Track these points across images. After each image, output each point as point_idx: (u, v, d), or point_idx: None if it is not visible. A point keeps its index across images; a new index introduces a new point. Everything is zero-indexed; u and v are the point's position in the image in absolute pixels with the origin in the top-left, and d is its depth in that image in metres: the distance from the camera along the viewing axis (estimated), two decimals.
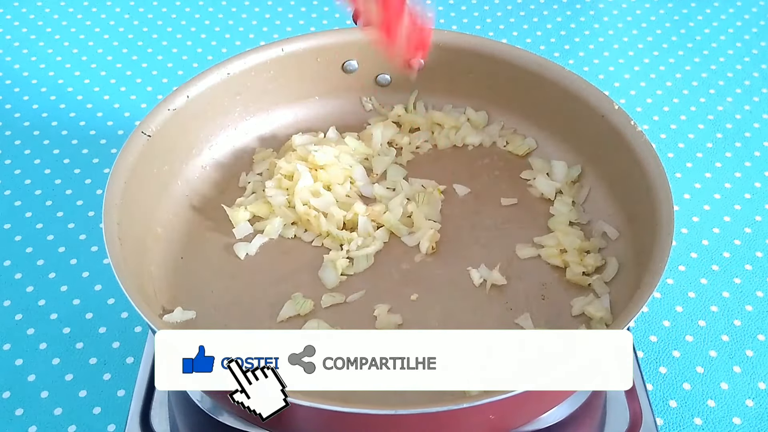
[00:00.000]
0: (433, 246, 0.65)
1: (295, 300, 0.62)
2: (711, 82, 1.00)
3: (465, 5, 1.12)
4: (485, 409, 0.47)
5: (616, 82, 1.00)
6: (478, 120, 0.75)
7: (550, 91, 0.69)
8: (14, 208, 0.84)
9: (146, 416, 0.61)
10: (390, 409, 0.45)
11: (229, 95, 0.71)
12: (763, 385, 0.69)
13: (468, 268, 0.64)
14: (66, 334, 0.72)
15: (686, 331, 0.73)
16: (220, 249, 0.66)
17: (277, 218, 0.67)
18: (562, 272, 0.64)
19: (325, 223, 0.66)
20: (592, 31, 1.08)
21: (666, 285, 0.77)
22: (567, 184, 0.70)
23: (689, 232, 0.81)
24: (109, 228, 0.56)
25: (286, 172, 0.69)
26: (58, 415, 0.67)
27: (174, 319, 0.59)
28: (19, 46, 1.05)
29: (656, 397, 0.68)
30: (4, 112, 0.95)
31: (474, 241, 0.67)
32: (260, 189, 0.70)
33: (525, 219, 0.68)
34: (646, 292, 0.52)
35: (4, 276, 0.77)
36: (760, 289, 0.76)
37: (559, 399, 0.55)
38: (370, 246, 0.65)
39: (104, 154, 0.89)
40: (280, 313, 0.61)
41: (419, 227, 0.66)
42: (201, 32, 1.08)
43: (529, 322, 0.60)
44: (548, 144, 0.73)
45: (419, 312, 0.62)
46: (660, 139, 0.92)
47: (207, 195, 0.70)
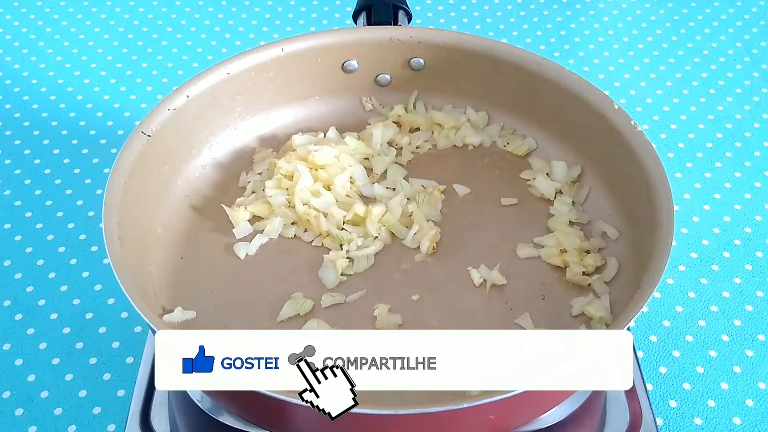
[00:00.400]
0: (434, 246, 0.66)
1: (295, 300, 0.62)
2: (711, 82, 1.00)
3: (465, 5, 1.12)
4: (485, 409, 0.47)
5: (616, 82, 1.00)
6: (478, 120, 0.75)
7: (550, 91, 0.69)
8: (14, 208, 0.84)
9: (146, 416, 0.61)
10: (390, 409, 0.45)
11: (229, 95, 0.71)
12: (763, 385, 0.69)
13: (468, 268, 0.64)
14: (66, 334, 0.72)
15: (686, 331, 0.73)
16: (220, 249, 0.66)
17: (277, 218, 0.67)
18: (562, 272, 0.64)
19: (325, 223, 0.66)
20: (592, 31, 1.08)
21: (666, 285, 0.77)
22: (567, 184, 0.70)
23: (689, 232, 0.82)
24: (109, 228, 0.56)
25: (286, 172, 0.69)
26: (58, 415, 0.67)
27: (174, 319, 0.59)
28: (19, 46, 1.05)
29: (656, 397, 0.68)
30: (4, 112, 0.95)
31: (474, 241, 0.67)
32: (260, 189, 0.70)
33: (525, 219, 0.68)
34: (646, 292, 0.52)
35: (4, 276, 0.77)
36: (760, 289, 0.76)
37: (559, 399, 0.55)
38: (371, 246, 0.65)
39: (104, 154, 0.89)
40: (280, 313, 0.61)
41: (419, 227, 0.66)
42: (201, 32, 1.08)
43: (529, 322, 0.60)
44: (548, 144, 0.73)
45: (419, 312, 0.61)
46: (660, 139, 0.92)
47: (207, 195, 0.70)
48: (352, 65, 0.75)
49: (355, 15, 0.78)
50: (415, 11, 1.06)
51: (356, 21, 0.78)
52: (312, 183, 0.68)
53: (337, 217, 0.67)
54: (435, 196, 0.69)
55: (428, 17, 1.10)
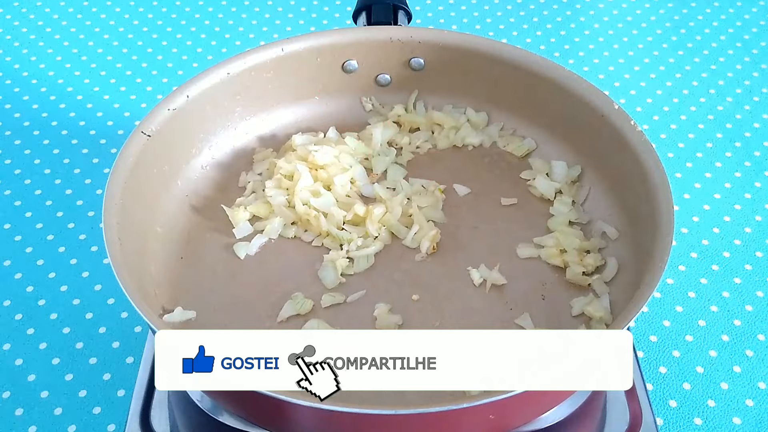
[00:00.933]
0: (434, 246, 0.66)
1: (295, 300, 0.62)
2: (711, 82, 1.00)
3: (465, 5, 1.12)
4: (485, 409, 0.47)
5: (616, 82, 1.00)
6: (478, 120, 0.75)
7: (550, 91, 0.69)
8: (14, 208, 0.84)
9: (146, 416, 0.61)
10: (390, 409, 0.45)
11: (229, 95, 0.71)
12: (763, 385, 0.69)
13: (468, 268, 0.64)
14: (66, 334, 0.72)
15: (686, 331, 0.73)
16: (220, 249, 0.66)
17: (277, 218, 0.67)
18: (562, 272, 0.64)
19: (325, 223, 0.66)
20: (592, 31, 1.08)
21: (666, 285, 0.77)
22: (567, 184, 0.70)
23: (689, 232, 0.81)
24: (109, 228, 0.56)
25: (286, 172, 0.69)
26: (58, 415, 0.67)
27: (174, 319, 0.59)
28: (19, 46, 1.05)
29: (656, 397, 0.68)
30: (4, 112, 0.95)
31: (474, 241, 0.67)
32: (260, 189, 0.70)
33: (525, 219, 0.68)
34: (646, 292, 0.52)
35: (4, 276, 0.77)
36: (760, 289, 0.76)
37: (559, 399, 0.55)
38: (371, 246, 0.65)
39: (104, 154, 0.89)
40: (280, 313, 0.61)
41: (420, 227, 0.66)
42: (201, 32, 1.08)
43: (529, 322, 0.60)
44: (548, 144, 0.73)
45: (419, 312, 0.61)
46: (660, 139, 0.92)
47: (207, 195, 0.70)
48: (352, 65, 0.75)
49: (355, 15, 0.78)
50: (415, 11, 1.06)
51: (356, 21, 0.78)
52: (312, 183, 0.68)
53: (337, 218, 0.67)
54: (435, 196, 0.69)
55: (428, 17, 1.10)
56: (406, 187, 0.70)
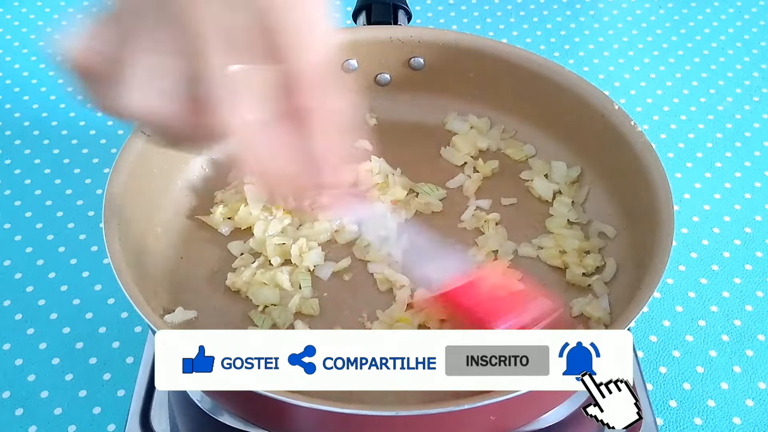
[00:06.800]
0: None
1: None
2: (711, 82, 1.00)
3: (465, 5, 1.12)
4: (486, 409, 0.46)
5: (616, 82, 1.00)
6: (481, 125, 0.74)
7: (550, 91, 0.69)
8: (14, 208, 0.84)
9: (146, 416, 0.61)
10: (390, 410, 0.45)
11: None
12: (763, 385, 0.69)
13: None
14: (66, 334, 0.72)
15: (686, 331, 0.73)
16: (220, 249, 0.66)
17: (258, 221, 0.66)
18: (561, 273, 0.64)
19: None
20: (592, 31, 1.08)
21: (666, 285, 0.77)
22: (566, 184, 0.70)
23: (689, 232, 0.81)
24: (109, 228, 0.56)
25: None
26: (58, 415, 0.67)
27: (174, 319, 0.59)
28: (19, 46, 1.05)
29: (656, 397, 0.68)
30: (4, 112, 0.95)
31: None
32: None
33: (525, 219, 0.68)
34: (647, 292, 0.52)
35: (4, 276, 0.77)
36: (760, 289, 0.76)
37: (560, 399, 0.55)
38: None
39: (104, 154, 0.89)
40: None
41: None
42: None
43: None
44: (548, 144, 0.73)
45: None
46: (660, 139, 0.92)
47: (207, 195, 0.70)
48: (352, 65, 0.74)
49: (354, 14, 0.78)
50: (415, 11, 1.06)
51: (356, 20, 0.78)
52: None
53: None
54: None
55: (428, 17, 1.10)
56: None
